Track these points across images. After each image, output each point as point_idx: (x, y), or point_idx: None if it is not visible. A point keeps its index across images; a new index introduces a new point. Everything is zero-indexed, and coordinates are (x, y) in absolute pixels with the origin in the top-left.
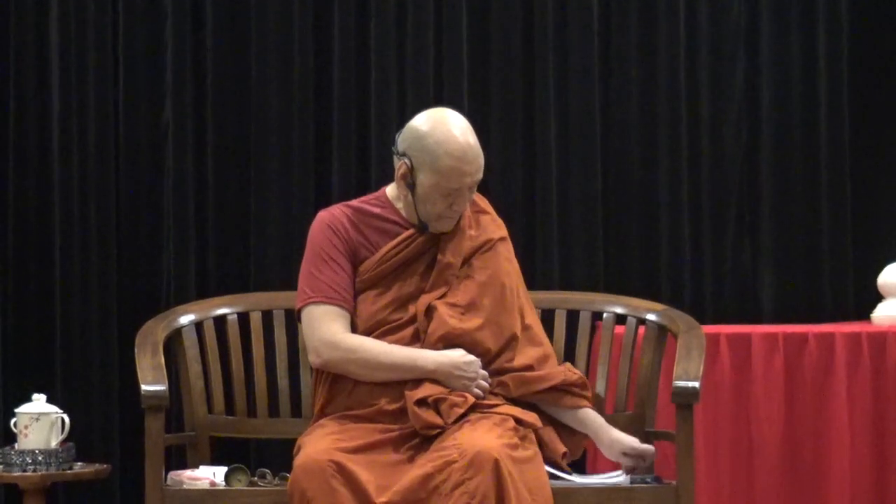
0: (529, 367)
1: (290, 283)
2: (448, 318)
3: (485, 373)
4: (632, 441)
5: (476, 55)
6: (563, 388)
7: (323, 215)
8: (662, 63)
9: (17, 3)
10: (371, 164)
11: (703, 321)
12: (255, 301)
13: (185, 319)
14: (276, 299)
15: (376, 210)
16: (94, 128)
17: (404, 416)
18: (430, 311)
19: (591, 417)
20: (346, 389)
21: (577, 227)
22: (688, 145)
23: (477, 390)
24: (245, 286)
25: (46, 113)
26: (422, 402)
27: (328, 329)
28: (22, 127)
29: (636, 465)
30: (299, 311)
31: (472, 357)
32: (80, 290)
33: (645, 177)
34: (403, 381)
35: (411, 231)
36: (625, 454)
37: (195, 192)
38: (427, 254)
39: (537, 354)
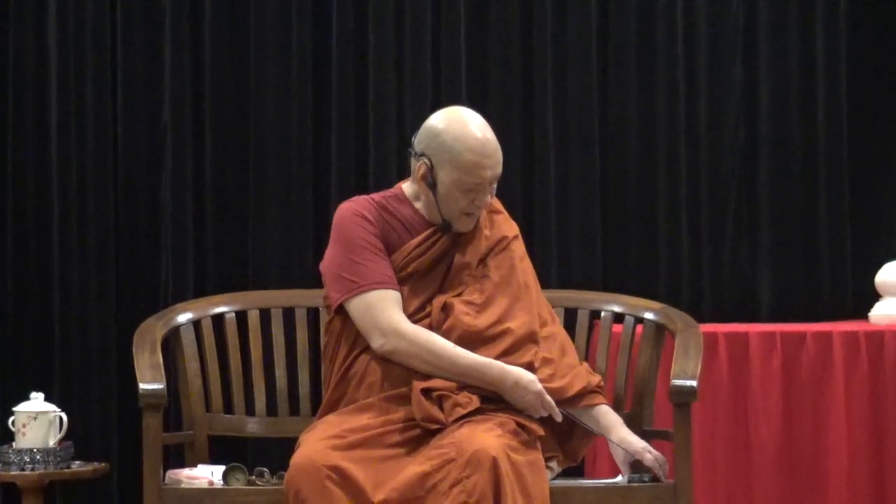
0: (550, 377)
1: (288, 282)
2: (463, 315)
3: (551, 401)
4: (640, 447)
5: (474, 55)
6: (581, 393)
7: (350, 206)
8: (661, 62)
9: (16, 3)
10: (370, 164)
11: (700, 320)
12: (254, 300)
13: (184, 318)
14: (275, 298)
15: (398, 207)
16: (93, 128)
17: (409, 401)
18: (445, 307)
19: (604, 413)
20: (354, 380)
21: (575, 226)
22: (686, 144)
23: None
24: (243, 285)
25: (45, 113)
26: (427, 394)
27: (391, 316)
28: (21, 127)
29: (641, 474)
30: (345, 300)
31: (538, 387)
32: (78, 289)
33: (643, 176)
34: (414, 369)
35: (432, 230)
36: (631, 462)
37: (194, 192)
38: (448, 254)
39: (559, 362)
